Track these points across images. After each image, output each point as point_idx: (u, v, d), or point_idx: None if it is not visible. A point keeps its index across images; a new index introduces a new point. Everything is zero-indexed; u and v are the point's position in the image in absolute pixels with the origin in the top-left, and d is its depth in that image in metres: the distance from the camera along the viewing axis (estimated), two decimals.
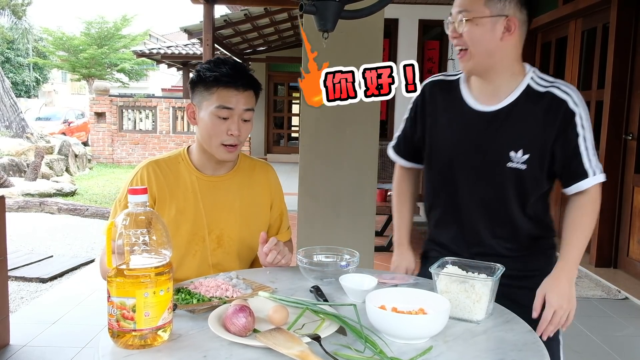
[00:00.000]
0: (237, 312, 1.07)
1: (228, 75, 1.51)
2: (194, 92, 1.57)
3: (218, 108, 1.51)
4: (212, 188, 1.60)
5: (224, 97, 1.51)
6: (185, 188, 1.58)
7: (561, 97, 1.46)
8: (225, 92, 1.51)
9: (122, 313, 1.01)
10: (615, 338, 3.04)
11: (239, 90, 1.52)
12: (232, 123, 1.52)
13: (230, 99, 1.51)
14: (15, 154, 8.88)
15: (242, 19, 8.94)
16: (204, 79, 1.52)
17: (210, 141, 1.54)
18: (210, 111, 1.52)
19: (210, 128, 1.52)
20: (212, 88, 1.52)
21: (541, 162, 1.42)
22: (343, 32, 2.64)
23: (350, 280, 1.34)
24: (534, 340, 1.12)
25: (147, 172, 1.56)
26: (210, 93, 1.52)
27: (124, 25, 21.95)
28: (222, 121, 1.52)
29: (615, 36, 4.18)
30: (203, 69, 1.54)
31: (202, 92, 1.54)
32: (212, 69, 1.52)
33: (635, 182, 4.10)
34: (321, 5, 1.25)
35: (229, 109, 1.51)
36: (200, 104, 1.55)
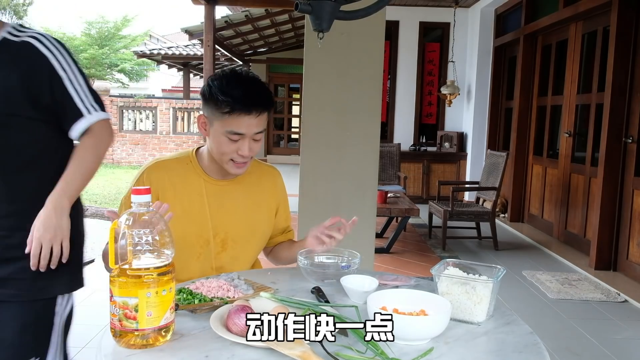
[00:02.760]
0: (239, 312, 1.07)
1: (242, 103, 1.44)
2: (205, 105, 1.51)
3: (230, 133, 1.47)
4: (219, 192, 1.60)
5: (236, 124, 1.46)
6: (192, 190, 1.58)
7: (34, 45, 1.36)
8: (237, 118, 1.45)
9: (125, 313, 1.01)
10: (614, 341, 3.04)
11: (252, 115, 1.46)
12: (243, 144, 1.49)
13: (241, 126, 1.46)
14: None
15: (242, 20, 8.95)
16: (216, 99, 1.45)
17: (220, 157, 1.52)
18: (221, 132, 1.48)
19: (221, 146, 1.50)
20: (224, 112, 1.46)
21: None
22: (345, 34, 2.65)
23: (351, 282, 1.34)
24: (535, 342, 1.13)
25: (152, 171, 1.56)
26: (222, 114, 1.46)
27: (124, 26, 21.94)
28: (232, 142, 1.49)
29: (616, 39, 4.19)
30: (215, 86, 1.47)
31: (213, 110, 1.48)
32: (225, 91, 1.45)
33: (635, 184, 4.10)
34: (317, 5, 1.25)
35: (240, 134, 1.48)
36: (211, 120, 1.50)
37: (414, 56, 7.66)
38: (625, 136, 4.21)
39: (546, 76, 5.93)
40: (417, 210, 4.64)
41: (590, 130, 4.86)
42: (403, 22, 7.58)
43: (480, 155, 7.25)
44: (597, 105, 4.68)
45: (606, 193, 4.30)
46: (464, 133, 7.66)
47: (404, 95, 7.74)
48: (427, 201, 5.82)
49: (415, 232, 5.74)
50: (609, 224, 4.31)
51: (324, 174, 2.75)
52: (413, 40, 7.64)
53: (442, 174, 7.58)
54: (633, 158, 4.13)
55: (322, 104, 2.71)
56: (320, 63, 2.70)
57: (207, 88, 1.49)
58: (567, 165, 5.28)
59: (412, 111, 7.78)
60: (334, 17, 1.29)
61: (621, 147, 4.24)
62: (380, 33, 2.69)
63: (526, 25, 6.06)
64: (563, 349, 2.92)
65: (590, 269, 4.35)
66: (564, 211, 5.30)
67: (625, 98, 4.20)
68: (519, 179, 6.36)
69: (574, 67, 5.23)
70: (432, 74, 7.77)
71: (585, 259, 4.60)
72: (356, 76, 2.70)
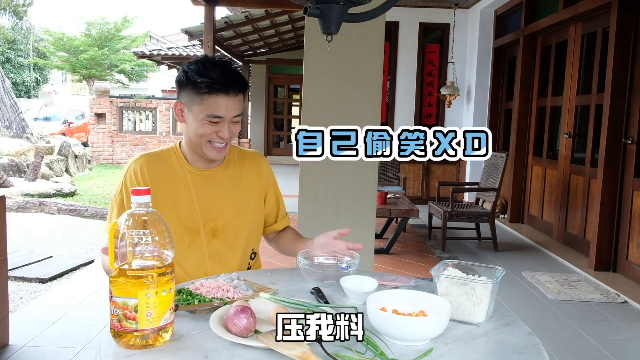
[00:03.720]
0: (239, 312, 1.07)
1: (219, 82, 1.47)
2: (182, 92, 1.53)
3: (209, 116, 1.49)
4: (204, 181, 1.62)
5: (215, 106, 1.49)
6: (179, 181, 1.59)
7: None
8: (216, 99, 1.48)
9: (124, 313, 1.01)
10: (614, 342, 3.04)
11: (230, 96, 1.50)
12: (222, 127, 1.52)
13: (220, 107, 1.49)
14: (15, 154, 8.88)
15: (242, 21, 8.95)
16: (194, 82, 1.48)
17: (199, 140, 1.54)
18: (200, 117, 1.50)
19: (200, 130, 1.52)
20: (202, 94, 1.48)
21: None
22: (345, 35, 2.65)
23: (351, 282, 1.34)
24: (534, 343, 1.13)
25: (139, 165, 1.57)
26: (200, 98, 1.49)
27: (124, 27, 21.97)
28: (212, 125, 1.51)
29: (615, 40, 4.19)
30: (192, 70, 1.50)
31: (191, 94, 1.51)
32: (202, 73, 1.48)
33: (634, 185, 4.10)
34: (325, 9, 1.25)
35: (220, 117, 1.50)
36: (190, 105, 1.52)
37: (413, 57, 7.67)
38: (625, 137, 4.21)
39: (546, 77, 5.93)
40: (416, 211, 4.64)
41: (590, 131, 4.86)
42: (403, 23, 7.58)
43: None
44: (597, 106, 4.68)
45: (606, 194, 4.30)
46: None
47: (403, 95, 7.74)
48: (427, 202, 5.82)
49: (415, 233, 5.74)
50: (608, 224, 4.31)
51: (323, 174, 2.75)
52: (413, 41, 7.64)
53: (441, 175, 7.58)
54: (633, 159, 4.13)
55: (321, 104, 2.71)
56: (320, 64, 2.70)
57: (184, 73, 1.52)
58: (567, 166, 5.28)
59: (412, 112, 7.78)
60: (342, 20, 1.29)
61: (621, 148, 4.24)
62: (380, 34, 2.69)
63: (526, 26, 6.06)
64: (563, 349, 2.92)
65: (590, 269, 4.35)
66: (563, 212, 5.30)
67: (624, 99, 4.20)
68: (519, 180, 6.36)
69: (573, 68, 5.23)
70: (431, 74, 7.77)
71: (585, 259, 4.60)
72: (356, 77, 2.70)
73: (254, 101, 13.81)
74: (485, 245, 5.23)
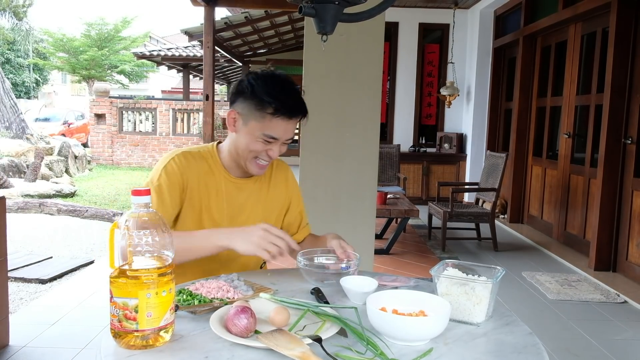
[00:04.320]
0: (239, 313, 1.07)
1: (287, 108, 1.46)
2: (241, 101, 1.50)
3: (266, 135, 1.48)
4: (237, 190, 1.61)
5: (276, 128, 1.47)
6: (212, 185, 1.58)
7: None
8: (278, 122, 1.46)
9: (125, 313, 1.01)
10: (614, 342, 3.04)
11: (292, 121, 1.49)
12: (274, 147, 1.51)
13: (280, 130, 1.48)
14: (15, 155, 8.88)
15: (242, 22, 8.95)
16: (260, 99, 1.45)
17: (246, 155, 1.52)
18: (256, 133, 1.48)
19: (252, 146, 1.50)
20: (266, 113, 1.45)
21: None
22: (344, 36, 2.65)
23: (351, 282, 1.35)
24: (534, 343, 1.13)
25: (181, 159, 1.54)
26: (262, 117, 1.46)
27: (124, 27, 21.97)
28: (264, 143, 1.50)
29: (615, 40, 4.20)
30: (259, 86, 1.46)
31: (252, 109, 1.47)
32: (271, 93, 1.44)
33: (634, 185, 4.11)
34: (320, 8, 1.25)
35: (276, 139, 1.50)
36: (247, 119, 1.49)
37: (413, 57, 7.67)
38: (625, 137, 4.21)
39: (545, 77, 5.93)
40: (416, 211, 4.64)
41: (590, 131, 4.86)
42: (402, 23, 7.59)
43: (480, 156, 7.25)
44: (597, 106, 4.68)
45: (606, 194, 4.30)
46: (463, 134, 7.67)
47: (403, 96, 7.74)
48: (427, 202, 5.82)
49: (414, 233, 5.74)
50: (608, 224, 4.31)
51: (323, 175, 2.75)
52: (412, 41, 7.65)
53: (441, 175, 7.58)
54: (632, 159, 4.14)
55: (321, 105, 2.71)
56: (319, 64, 2.70)
57: (249, 86, 1.48)
58: (567, 166, 5.28)
59: (411, 112, 7.78)
60: (338, 20, 1.29)
61: (620, 148, 4.24)
62: (379, 34, 2.69)
63: (525, 27, 6.06)
64: (563, 349, 2.92)
65: (590, 269, 4.36)
66: (563, 212, 5.30)
67: (624, 99, 4.21)
68: (519, 180, 6.36)
69: (573, 68, 5.23)
70: (431, 75, 7.78)
71: (585, 259, 4.60)
72: (356, 77, 2.71)
73: None
74: (485, 246, 5.23)
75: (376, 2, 1.32)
